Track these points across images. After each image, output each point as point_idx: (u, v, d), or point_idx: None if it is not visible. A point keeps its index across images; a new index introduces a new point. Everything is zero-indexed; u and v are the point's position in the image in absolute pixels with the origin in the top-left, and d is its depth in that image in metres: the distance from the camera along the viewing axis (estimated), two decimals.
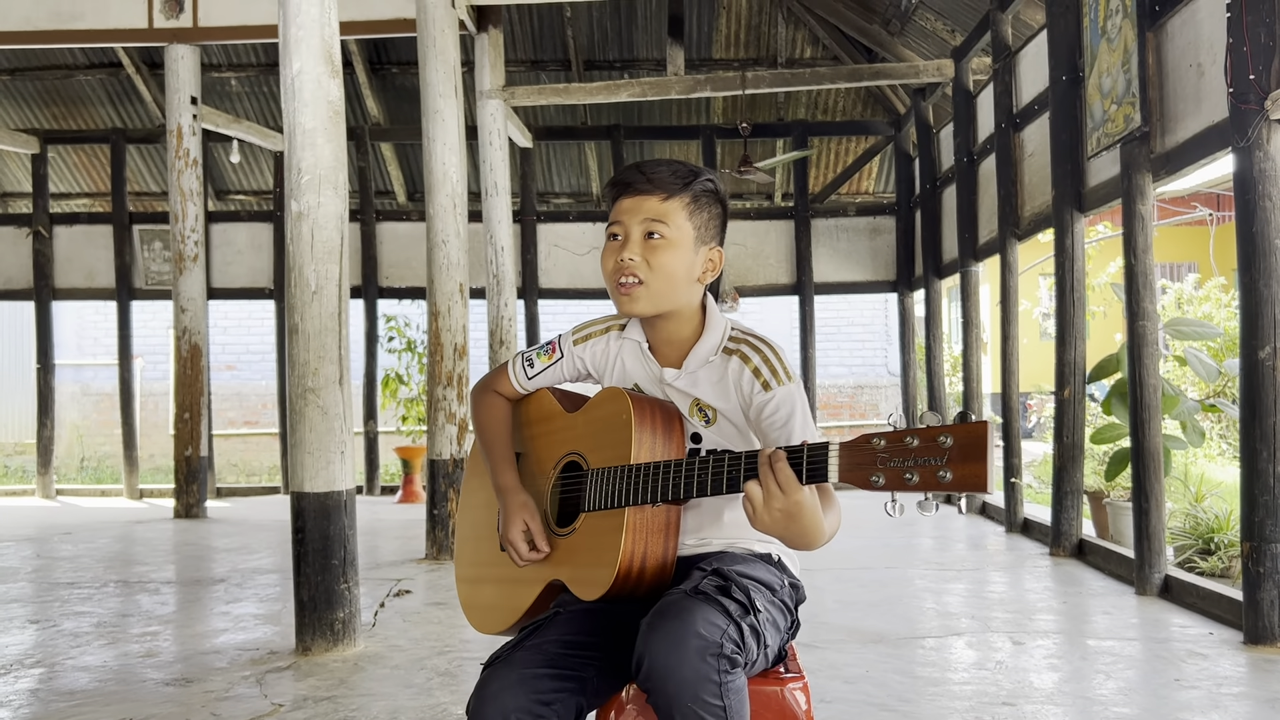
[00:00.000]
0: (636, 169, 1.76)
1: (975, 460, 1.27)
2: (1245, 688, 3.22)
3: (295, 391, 3.84)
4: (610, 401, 1.73)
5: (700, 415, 1.75)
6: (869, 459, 1.36)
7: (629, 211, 1.74)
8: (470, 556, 1.96)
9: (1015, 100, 6.53)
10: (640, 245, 1.72)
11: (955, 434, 1.29)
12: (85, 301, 12.24)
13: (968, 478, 1.27)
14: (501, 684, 1.51)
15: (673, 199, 1.73)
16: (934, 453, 1.30)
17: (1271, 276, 3.62)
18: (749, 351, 1.73)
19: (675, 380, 1.77)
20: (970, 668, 3.52)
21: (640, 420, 1.66)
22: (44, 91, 11.18)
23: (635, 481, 1.60)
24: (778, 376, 1.69)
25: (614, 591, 1.60)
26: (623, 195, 1.76)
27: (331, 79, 3.84)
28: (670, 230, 1.72)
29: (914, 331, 9.92)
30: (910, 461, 1.32)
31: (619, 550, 1.59)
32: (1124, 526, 5.44)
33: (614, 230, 1.76)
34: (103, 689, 3.39)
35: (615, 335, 1.88)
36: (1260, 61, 3.60)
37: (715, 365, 1.75)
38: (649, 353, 1.81)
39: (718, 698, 1.41)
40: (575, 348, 1.89)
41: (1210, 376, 5.53)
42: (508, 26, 10.03)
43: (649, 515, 1.62)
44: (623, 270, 1.73)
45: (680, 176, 1.74)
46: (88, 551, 6.48)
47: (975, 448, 1.27)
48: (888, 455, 1.34)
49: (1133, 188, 4.64)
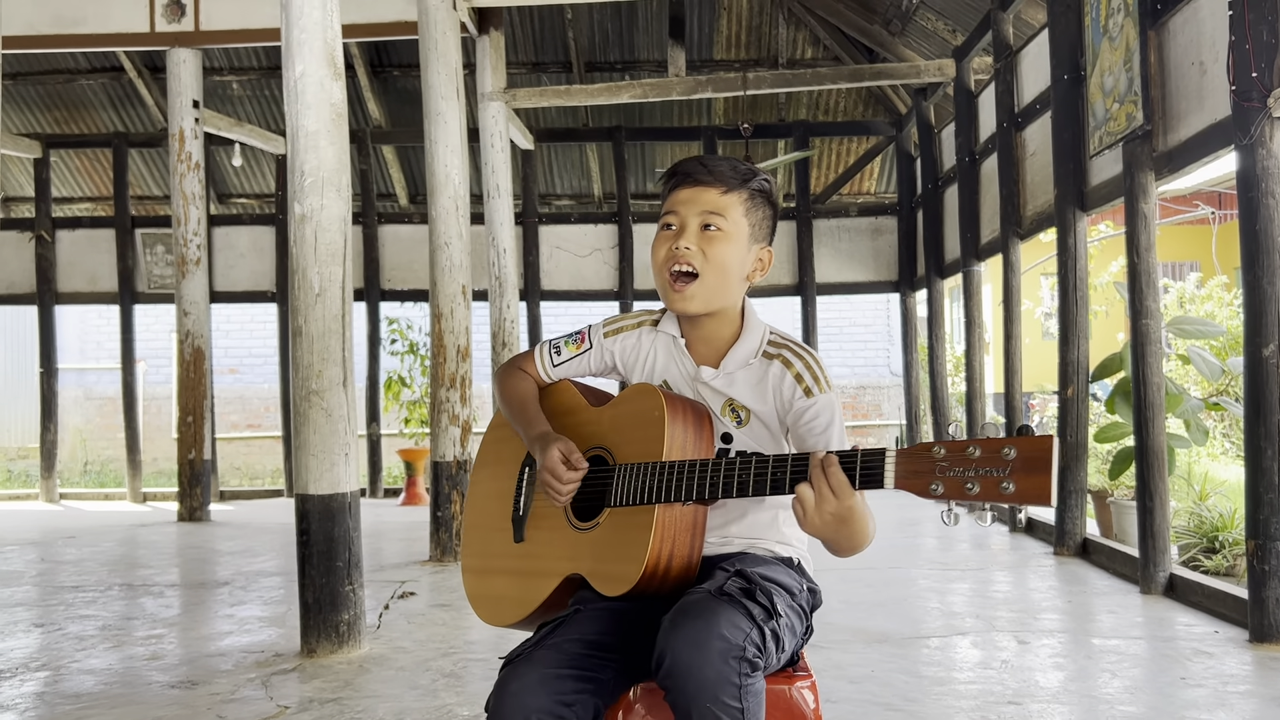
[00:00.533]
0: (697, 161, 1.76)
1: (1039, 473, 1.28)
2: (1251, 686, 3.22)
3: (299, 394, 3.84)
4: (642, 397, 1.71)
5: (733, 416, 1.75)
6: (928, 467, 1.37)
7: (686, 202, 1.74)
8: (479, 548, 1.92)
9: (1017, 99, 6.53)
10: (697, 236, 1.72)
11: (1019, 446, 1.30)
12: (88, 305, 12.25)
13: (1031, 490, 1.28)
14: (522, 683, 1.49)
15: (731, 193, 1.74)
16: (997, 464, 1.31)
17: (1275, 274, 3.62)
18: (791, 357, 1.73)
19: (712, 379, 1.77)
20: (975, 667, 3.52)
21: (674, 417, 1.64)
22: (46, 96, 11.19)
23: (667, 479, 1.58)
24: (820, 384, 1.70)
25: (639, 589, 1.58)
26: (681, 185, 1.75)
27: (334, 81, 3.84)
28: (727, 224, 1.73)
29: (916, 332, 9.92)
30: (972, 471, 1.33)
31: (647, 547, 1.57)
32: (1128, 525, 5.43)
33: (669, 220, 1.75)
34: (108, 692, 3.39)
35: (648, 330, 1.86)
36: (1263, 59, 3.60)
37: (754, 368, 1.75)
38: (685, 349, 1.80)
39: (737, 700, 1.41)
40: (605, 340, 1.88)
41: (1213, 375, 5.53)
42: (509, 29, 10.04)
43: (678, 514, 1.61)
44: (677, 259, 1.72)
45: (740, 173, 1.75)
46: (92, 555, 6.48)
47: (1040, 460, 1.28)
48: (948, 464, 1.35)
49: (1135, 186, 4.64)
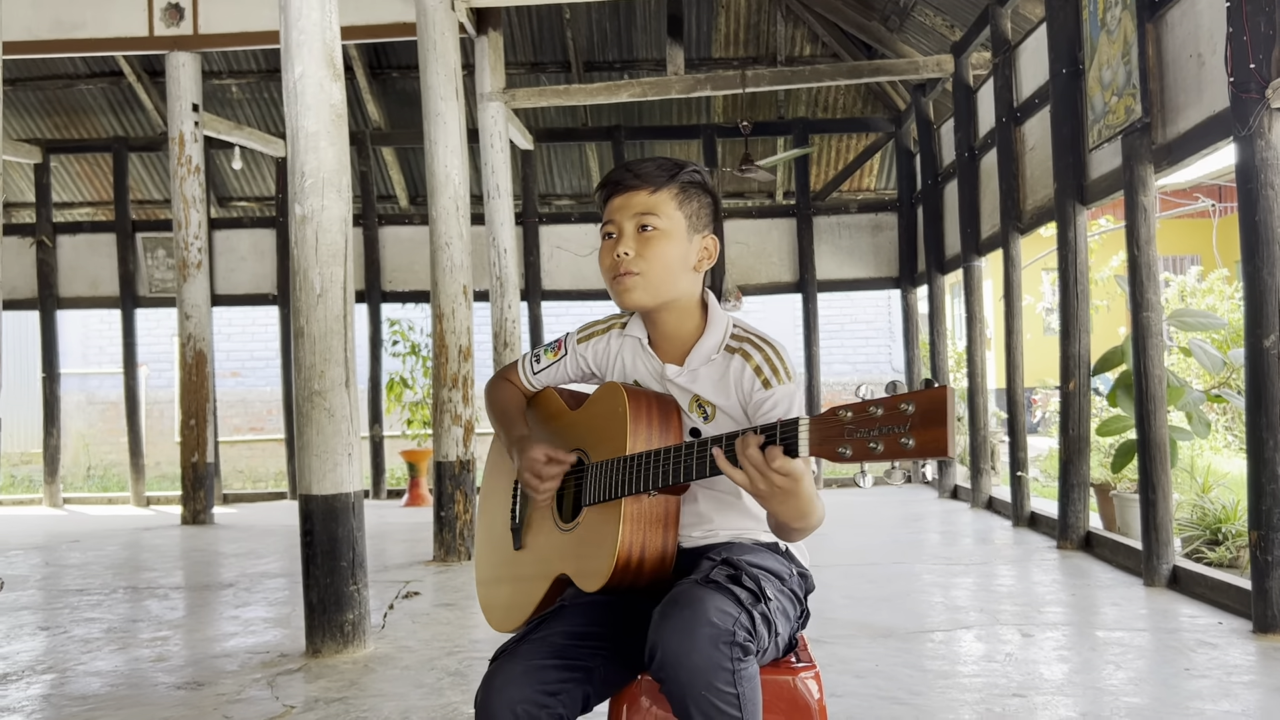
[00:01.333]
0: (623, 168, 1.80)
1: (936, 425, 1.26)
2: (1255, 676, 3.22)
3: (301, 395, 3.85)
4: (608, 397, 1.76)
5: (699, 411, 1.77)
6: (837, 431, 1.36)
7: (620, 209, 1.78)
8: (487, 559, 1.99)
9: (1016, 94, 6.53)
10: (634, 239, 1.76)
11: (917, 400, 1.29)
12: (90, 310, 12.27)
13: (929, 443, 1.27)
14: (507, 677, 1.52)
15: (660, 190, 1.77)
16: (897, 420, 1.30)
17: (1275, 265, 3.62)
18: (751, 350, 1.75)
19: (677, 377, 1.79)
20: (979, 660, 3.52)
21: (636, 413, 1.68)
22: (46, 101, 11.21)
23: (629, 472, 1.62)
24: (778, 375, 1.71)
25: (613, 582, 1.62)
26: (613, 195, 1.80)
27: (333, 82, 3.85)
28: (661, 221, 1.76)
29: (917, 328, 9.92)
30: (875, 431, 1.32)
31: (617, 541, 1.60)
32: (1131, 518, 5.43)
33: (608, 229, 1.80)
34: (114, 693, 3.40)
35: (617, 333, 1.90)
36: (1260, 50, 3.61)
37: (717, 363, 1.77)
38: (649, 348, 1.83)
39: (731, 685, 1.42)
40: (579, 346, 1.92)
41: (1215, 367, 5.53)
42: (507, 29, 10.04)
43: (646, 506, 1.64)
44: (619, 265, 1.76)
45: (665, 169, 1.79)
46: (96, 559, 6.50)
47: (936, 413, 1.27)
48: (854, 426, 1.34)
49: (1134, 179, 4.64)
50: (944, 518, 7.39)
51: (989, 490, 7.60)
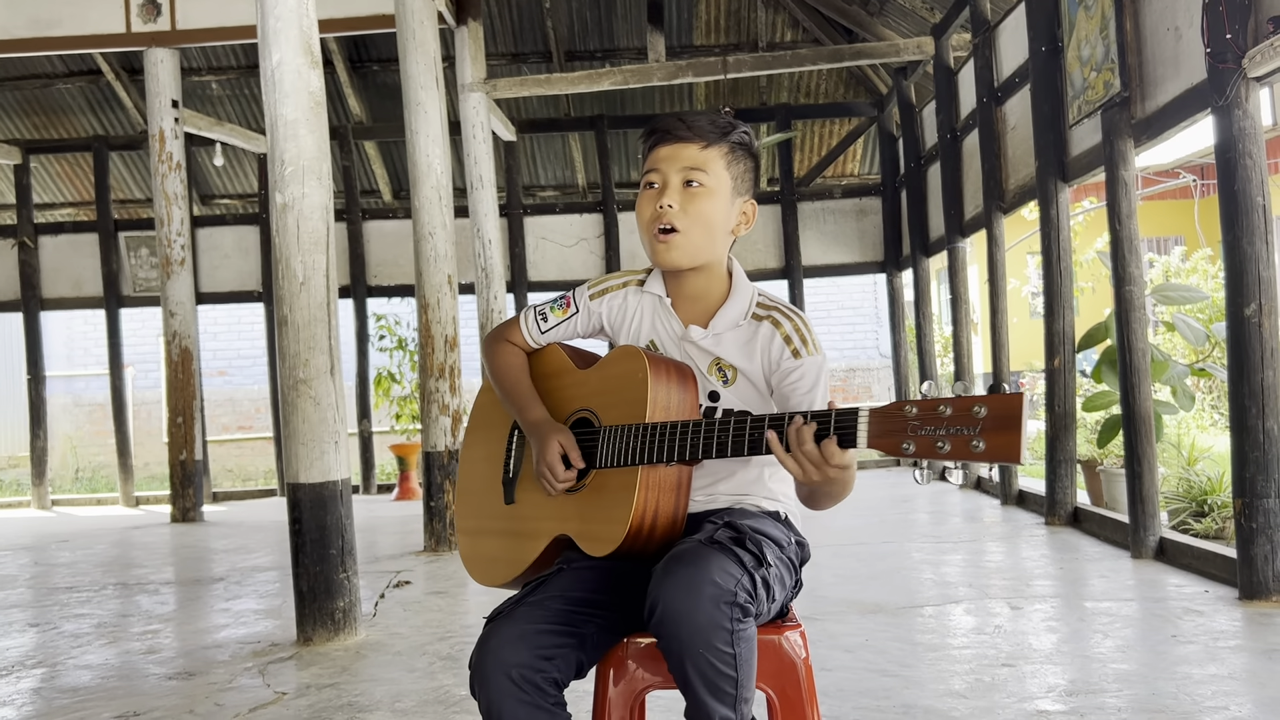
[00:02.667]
0: (676, 117, 1.76)
1: (1010, 430, 1.27)
2: (1242, 641, 3.25)
3: (287, 383, 3.84)
4: (626, 359, 1.71)
5: (719, 375, 1.75)
6: (900, 426, 1.36)
7: (667, 159, 1.74)
8: (472, 509, 1.94)
9: (996, 74, 6.55)
10: (679, 193, 1.72)
11: (990, 404, 1.29)
12: (74, 311, 12.22)
13: (1001, 448, 1.27)
14: (502, 639, 1.52)
15: (711, 147, 1.74)
16: (967, 422, 1.30)
17: (1255, 234, 3.65)
18: (780, 318, 1.73)
19: (701, 339, 1.76)
20: (969, 633, 3.54)
21: (656, 379, 1.65)
22: (24, 101, 11.14)
23: (651, 440, 1.59)
24: (808, 346, 1.70)
25: (624, 549, 1.60)
26: (661, 143, 1.75)
27: (311, 69, 3.84)
28: (709, 179, 1.73)
29: (903, 312, 9.95)
30: (943, 430, 1.32)
31: (631, 507, 1.58)
32: (1118, 493, 5.47)
33: (650, 179, 1.75)
34: (105, 685, 3.39)
35: (634, 289, 1.86)
36: (1236, 20, 3.62)
37: (743, 329, 1.75)
38: (671, 308, 1.80)
39: (729, 645, 1.42)
40: (591, 302, 1.87)
41: (1198, 340, 5.57)
42: (487, 20, 10.01)
43: (662, 474, 1.62)
44: (660, 217, 1.72)
45: (719, 126, 1.75)
46: (85, 557, 6.47)
47: (1010, 418, 1.27)
48: (920, 423, 1.34)
49: (1115, 154, 4.66)
50: (933, 498, 7.42)
51: (977, 471, 7.62)
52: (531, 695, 1.50)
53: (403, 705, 2.99)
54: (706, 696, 1.43)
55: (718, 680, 1.43)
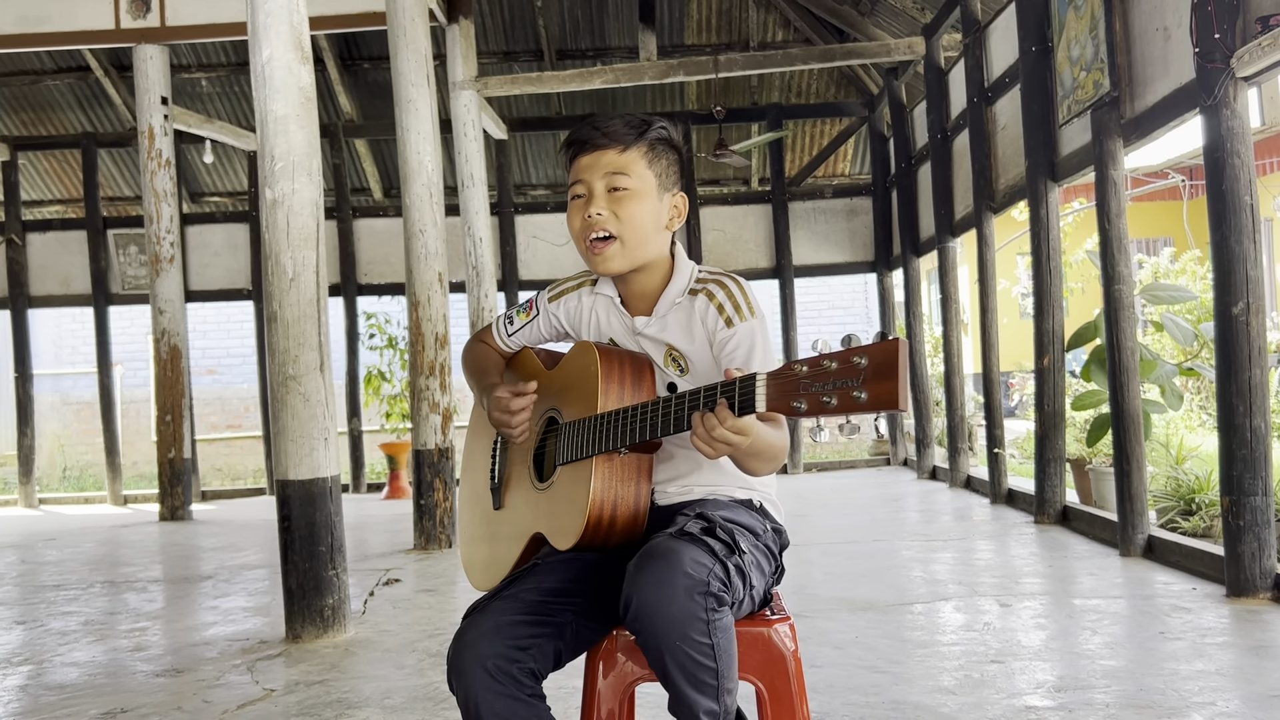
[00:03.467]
0: (590, 126, 1.76)
1: (888, 378, 1.25)
2: (1229, 637, 3.26)
3: (276, 380, 3.83)
4: (580, 355, 1.75)
5: (675, 365, 1.76)
6: (791, 386, 1.35)
7: (588, 168, 1.74)
8: (469, 519, 2.00)
9: (986, 74, 6.57)
10: (605, 199, 1.72)
11: (870, 353, 1.28)
12: (62, 309, 12.16)
13: (882, 395, 1.26)
14: (478, 632, 1.53)
15: (630, 149, 1.73)
16: (850, 374, 1.29)
17: (1242, 233, 3.66)
18: (714, 288, 1.73)
19: (646, 328, 1.78)
20: (959, 630, 3.55)
21: (607, 371, 1.67)
22: (12, 98, 11.08)
23: (600, 430, 1.62)
24: (740, 312, 1.69)
25: (585, 539, 1.62)
26: (580, 153, 1.75)
27: (301, 65, 3.82)
28: (633, 180, 1.73)
29: (894, 312, 9.97)
30: (830, 385, 1.31)
31: (588, 499, 1.60)
32: (1107, 492, 5.48)
33: (576, 190, 1.76)
34: (92, 682, 3.37)
35: (588, 290, 1.88)
36: (1225, 20, 3.64)
37: (683, 306, 1.76)
38: (621, 306, 1.82)
39: (706, 636, 1.42)
40: (550, 305, 1.90)
41: (1187, 339, 5.59)
42: (479, 18, 10.00)
43: (618, 464, 1.63)
44: (591, 226, 1.72)
45: (633, 127, 1.75)
46: (73, 555, 6.44)
47: (888, 365, 1.26)
48: (809, 380, 1.33)
49: (1104, 153, 4.67)
50: (923, 497, 7.43)
51: (967, 470, 7.65)
52: (508, 686, 1.51)
53: (392, 702, 2.99)
54: (688, 689, 1.43)
55: (697, 672, 1.43)
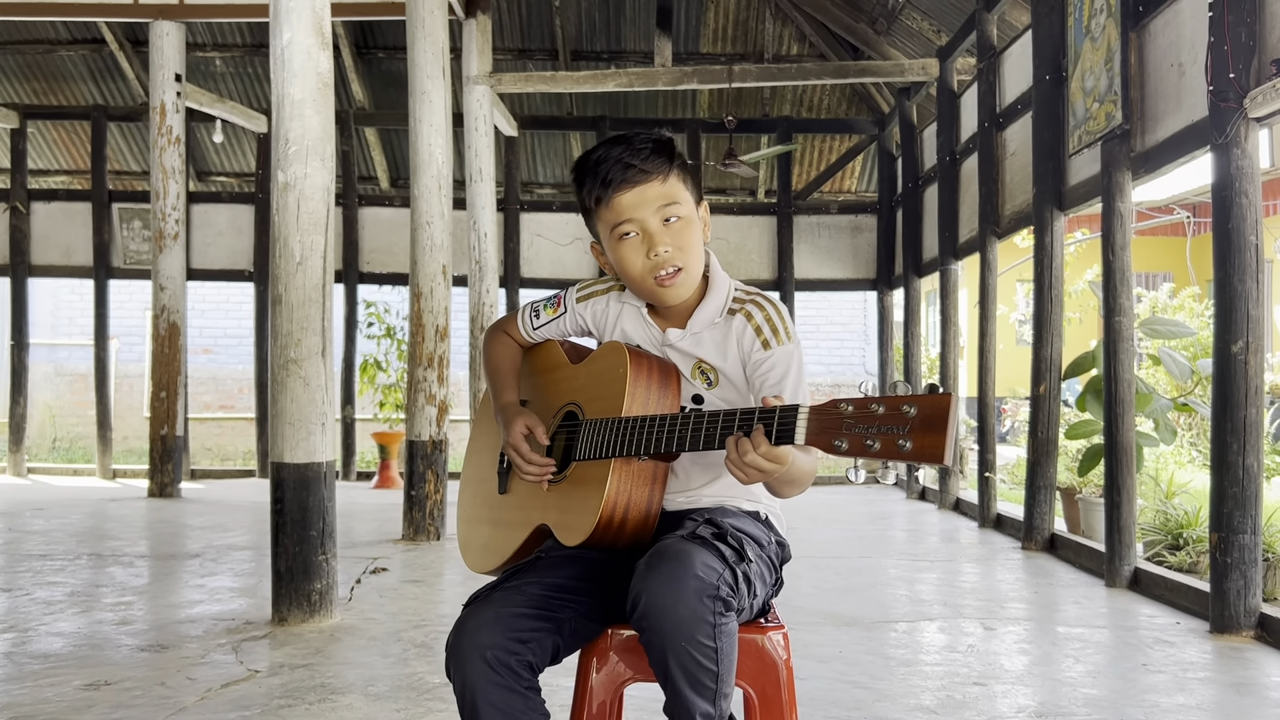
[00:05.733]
0: (621, 163, 1.67)
1: (936, 431, 1.27)
2: (1211, 673, 3.28)
3: (277, 362, 3.83)
4: (610, 355, 1.75)
5: (702, 377, 1.75)
6: (835, 424, 1.37)
7: (636, 205, 1.68)
8: (470, 498, 2.01)
9: (999, 99, 6.59)
10: (665, 233, 1.69)
11: (920, 404, 1.29)
12: (62, 280, 12.13)
13: (926, 448, 1.27)
14: (479, 621, 1.54)
15: (670, 177, 1.70)
16: (897, 421, 1.30)
17: (1246, 272, 3.68)
18: (753, 309, 1.73)
19: (679, 341, 1.76)
20: (941, 650, 3.56)
21: (636, 375, 1.67)
22: (24, 66, 11.07)
23: (624, 434, 1.62)
24: (778, 336, 1.70)
25: (594, 539, 1.63)
26: (619, 191, 1.68)
27: (321, 50, 3.84)
28: (683, 209, 1.71)
29: (892, 331, 9.99)
30: (874, 429, 1.32)
31: (602, 498, 1.61)
32: (1095, 522, 5.51)
33: (624, 230, 1.69)
34: (76, 653, 3.38)
35: (616, 296, 1.87)
36: (1240, 60, 3.66)
37: (720, 325, 1.75)
38: (648, 317, 1.80)
39: (711, 639, 1.43)
40: (578, 305, 1.90)
41: (1183, 375, 5.61)
42: (496, 14, 10.02)
43: (635, 468, 1.64)
44: (661, 264, 1.69)
45: (662, 152, 1.70)
46: (60, 526, 6.43)
47: (937, 419, 1.27)
48: (853, 421, 1.35)
49: (1112, 185, 4.70)
50: (911, 517, 7.45)
51: (956, 492, 7.67)
52: (505, 678, 1.52)
53: (375, 690, 2.99)
54: (687, 690, 1.45)
55: (699, 674, 1.44)
